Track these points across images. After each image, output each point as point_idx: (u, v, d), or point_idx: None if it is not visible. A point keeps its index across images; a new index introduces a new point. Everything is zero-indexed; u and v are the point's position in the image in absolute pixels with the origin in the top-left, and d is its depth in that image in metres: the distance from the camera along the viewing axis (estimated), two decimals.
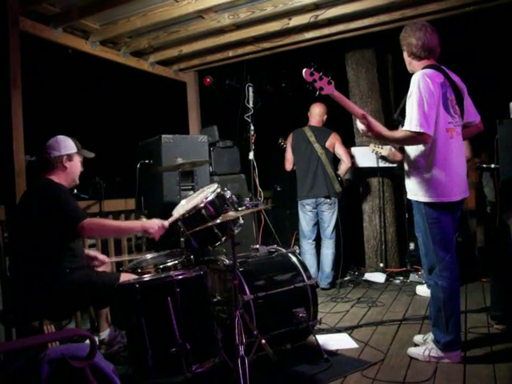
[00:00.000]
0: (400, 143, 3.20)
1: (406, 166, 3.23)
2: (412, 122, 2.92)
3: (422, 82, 2.97)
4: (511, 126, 3.65)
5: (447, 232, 3.13)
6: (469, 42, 6.68)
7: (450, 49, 3.48)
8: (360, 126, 3.05)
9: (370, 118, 3.02)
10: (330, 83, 2.96)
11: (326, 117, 5.62)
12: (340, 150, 5.53)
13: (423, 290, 5.04)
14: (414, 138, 2.94)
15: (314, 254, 5.56)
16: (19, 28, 3.91)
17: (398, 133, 3.05)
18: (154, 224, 3.25)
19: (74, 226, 3.04)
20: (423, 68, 3.09)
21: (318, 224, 5.60)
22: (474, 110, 3.26)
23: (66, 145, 3.27)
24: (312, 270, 5.16)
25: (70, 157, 3.27)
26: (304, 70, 2.93)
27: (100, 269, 3.52)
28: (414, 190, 3.15)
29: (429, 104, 2.93)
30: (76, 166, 3.32)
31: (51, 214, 3.05)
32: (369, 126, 3.00)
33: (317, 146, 5.45)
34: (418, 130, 2.89)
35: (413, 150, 3.13)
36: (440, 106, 3.00)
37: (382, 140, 3.24)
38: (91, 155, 3.45)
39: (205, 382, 2.88)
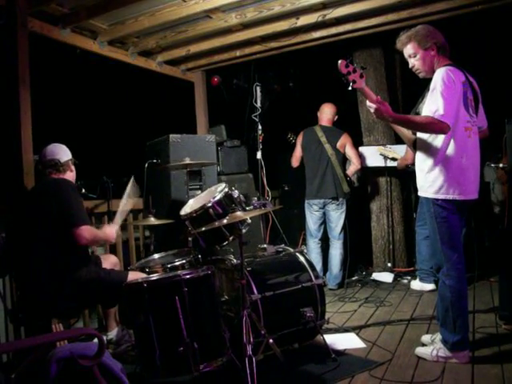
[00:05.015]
0: (418, 128, 3.06)
1: (418, 163, 3.19)
2: (436, 111, 2.84)
3: (446, 77, 2.93)
4: None
5: (455, 231, 3.10)
6: (476, 42, 6.64)
7: (457, 48, 3.44)
8: (372, 106, 2.93)
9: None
10: (361, 77, 2.88)
11: (336, 117, 5.62)
12: (350, 152, 5.52)
13: (416, 284, 5.25)
14: (435, 124, 2.84)
15: (320, 252, 5.56)
16: (28, 28, 3.93)
17: (419, 117, 2.98)
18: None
19: (71, 225, 3.09)
20: (445, 65, 3.04)
21: (324, 223, 5.60)
22: (484, 116, 3.25)
23: (66, 150, 3.47)
24: (317, 268, 5.15)
25: (72, 161, 3.49)
26: (339, 62, 2.83)
27: (108, 267, 3.54)
28: (425, 186, 3.11)
29: (452, 98, 2.90)
30: (74, 170, 3.53)
31: (60, 208, 3.11)
32: (388, 112, 2.89)
33: (327, 146, 5.44)
34: (441, 119, 2.82)
35: (428, 147, 3.08)
36: (461, 104, 2.98)
37: (401, 123, 3.10)
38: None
39: (212, 381, 2.89)
